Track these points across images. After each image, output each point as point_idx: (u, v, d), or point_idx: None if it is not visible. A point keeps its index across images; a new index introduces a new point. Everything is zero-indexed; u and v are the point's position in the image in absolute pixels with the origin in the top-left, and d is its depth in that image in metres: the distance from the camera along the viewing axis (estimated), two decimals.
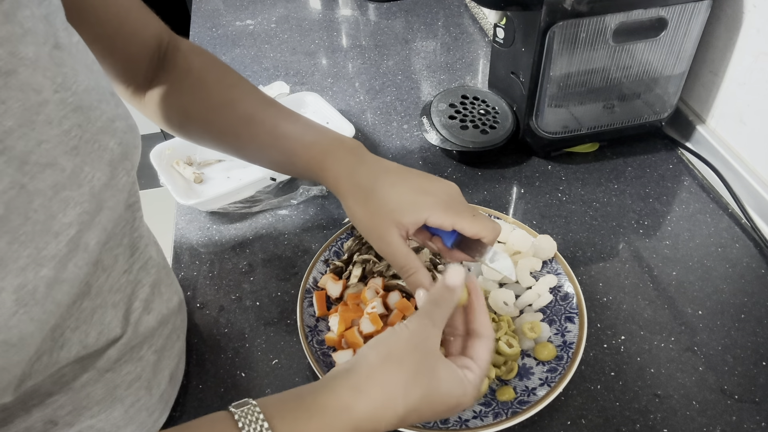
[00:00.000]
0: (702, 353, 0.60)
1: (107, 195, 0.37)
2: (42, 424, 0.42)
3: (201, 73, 0.56)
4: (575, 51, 0.72)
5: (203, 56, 0.58)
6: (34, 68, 0.32)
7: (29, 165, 0.31)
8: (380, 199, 0.50)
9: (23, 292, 0.31)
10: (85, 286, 0.39)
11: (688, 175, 0.81)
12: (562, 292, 0.63)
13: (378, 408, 0.39)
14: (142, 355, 0.48)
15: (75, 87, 0.35)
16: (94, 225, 0.36)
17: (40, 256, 0.32)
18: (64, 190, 0.33)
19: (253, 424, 0.36)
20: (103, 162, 0.36)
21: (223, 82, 0.57)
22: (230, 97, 0.56)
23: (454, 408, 0.43)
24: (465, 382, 0.43)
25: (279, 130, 0.55)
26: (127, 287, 0.45)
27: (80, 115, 0.35)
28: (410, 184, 0.51)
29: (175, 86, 0.56)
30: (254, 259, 0.71)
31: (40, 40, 0.33)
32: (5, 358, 0.31)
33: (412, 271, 0.50)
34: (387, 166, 0.53)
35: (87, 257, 0.36)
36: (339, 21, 1.19)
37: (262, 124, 0.56)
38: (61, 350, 0.39)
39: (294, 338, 0.62)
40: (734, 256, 0.70)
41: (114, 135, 0.38)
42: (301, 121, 0.56)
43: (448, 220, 0.49)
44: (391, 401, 0.40)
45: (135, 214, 0.46)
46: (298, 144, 0.55)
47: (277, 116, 0.56)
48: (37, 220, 0.32)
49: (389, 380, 0.40)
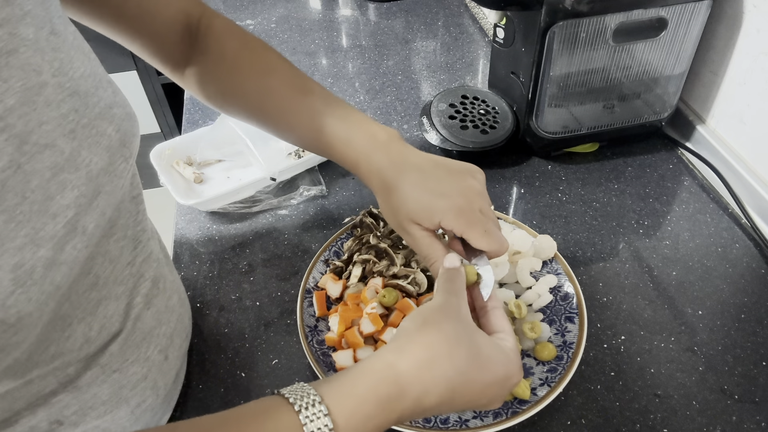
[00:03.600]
0: (702, 353, 0.60)
1: (105, 180, 0.37)
2: (47, 423, 0.42)
3: (235, 60, 0.56)
4: (575, 51, 0.72)
5: (238, 37, 0.56)
6: (34, 50, 0.32)
7: (29, 145, 0.32)
8: (400, 200, 0.51)
9: (20, 271, 0.31)
10: (93, 276, 0.40)
11: (688, 175, 0.81)
12: (562, 292, 0.63)
13: (423, 365, 0.39)
14: (149, 355, 0.48)
15: (72, 72, 0.35)
16: (92, 209, 0.36)
17: (37, 236, 0.32)
18: (62, 172, 0.33)
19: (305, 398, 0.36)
20: (100, 147, 0.37)
21: (258, 68, 0.56)
22: (265, 86, 0.55)
23: (504, 382, 0.42)
24: (506, 349, 0.43)
25: (315, 123, 0.54)
26: (129, 280, 0.45)
27: (77, 99, 0.35)
28: (429, 184, 0.51)
29: (211, 70, 0.56)
30: (254, 259, 0.71)
31: (39, 23, 0.33)
32: (4, 338, 0.31)
33: (434, 259, 0.50)
34: (412, 163, 0.52)
35: (86, 240, 0.36)
36: (339, 21, 1.19)
37: (298, 117, 0.55)
38: (67, 341, 0.39)
39: (294, 338, 0.62)
40: (734, 256, 0.70)
41: (112, 121, 0.38)
42: (337, 111, 0.55)
43: (459, 228, 0.49)
44: (437, 360, 0.39)
45: (138, 207, 0.46)
46: (333, 139, 0.54)
47: (312, 107, 0.55)
48: (34, 200, 0.32)
49: (431, 342, 0.40)
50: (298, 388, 0.37)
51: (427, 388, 0.38)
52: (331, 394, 0.37)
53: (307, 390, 0.37)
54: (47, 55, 0.33)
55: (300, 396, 0.36)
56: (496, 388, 0.41)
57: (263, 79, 0.56)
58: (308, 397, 0.36)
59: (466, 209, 0.50)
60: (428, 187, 0.51)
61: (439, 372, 0.39)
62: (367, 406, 0.37)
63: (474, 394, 0.40)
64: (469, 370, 0.40)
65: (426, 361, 0.39)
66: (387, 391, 0.37)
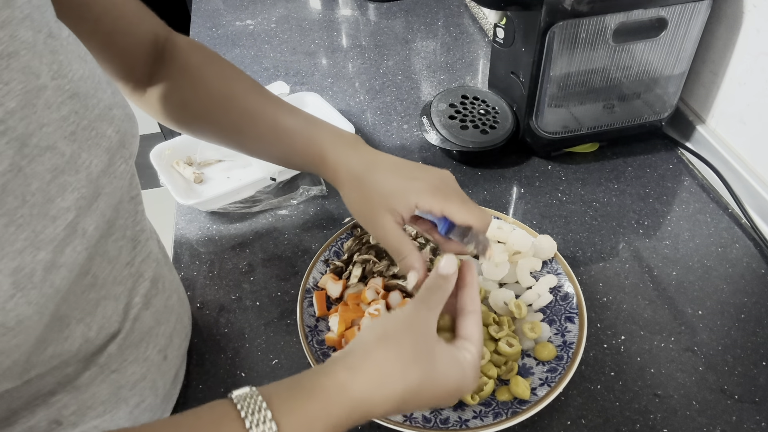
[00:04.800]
0: (702, 353, 0.60)
1: (105, 182, 0.37)
2: (46, 423, 0.42)
3: (200, 69, 0.57)
4: (575, 51, 0.72)
5: (202, 51, 0.58)
6: (33, 53, 0.32)
7: (29, 148, 0.32)
8: (372, 186, 0.51)
9: (20, 275, 0.31)
10: (91, 277, 0.40)
11: (688, 175, 0.81)
12: (562, 292, 0.63)
13: (375, 387, 0.39)
14: (147, 355, 0.48)
15: (71, 75, 0.35)
16: (92, 211, 0.36)
17: (37, 239, 0.32)
18: (62, 174, 0.34)
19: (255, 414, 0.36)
20: (100, 149, 0.37)
21: (222, 77, 0.57)
22: (230, 93, 0.56)
23: (455, 393, 0.43)
24: (464, 363, 0.43)
25: (279, 125, 0.56)
26: (128, 280, 0.45)
27: (77, 102, 0.35)
28: (402, 171, 0.52)
29: (175, 82, 0.56)
30: (254, 259, 0.71)
31: (37, 26, 0.33)
32: (3, 341, 0.31)
33: (404, 254, 0.51)
34: (382, 157, 0.54)
35: (85, 242, 0.36)
36: (339, 21, 1.19)
37: (263, 119, 0.56)
38: (66, 342, 0.39)
39: (294, 338, 0.62)
40: (734, 256, 0.70)
41: (111, 123, 0.38)
42: (301, 115, 0.57)
43: (437, 204, 0.50)
44: (389, 380, 0.39)
45: (137, 207, 0.46)
46: (298, 139, 0.55)
47: (277, 111, 0.56)
48: (34, 203, 0.32)
49: (386, 359, 0.40)
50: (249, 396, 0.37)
51: (375, 406, 0.39)
52: (282, 409, 0.36)
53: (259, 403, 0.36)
54: (46, 58, 0.33)
55: (251, 410, 0.36)
56: (444, 397, 0.43)
57: (227, 87, 0.57)
58: (259, 413, 0.36)
59: (442, 187, 0.51)
60: (402, 173, 0.52)
61: (389, 391, 0.40)
62: (317, 424, 0.37)
63: (420, 404, 0.42)
64: (421, 388, 0.40)
65: (379, 382, 0.39)
66: (337, 413, 0.38)
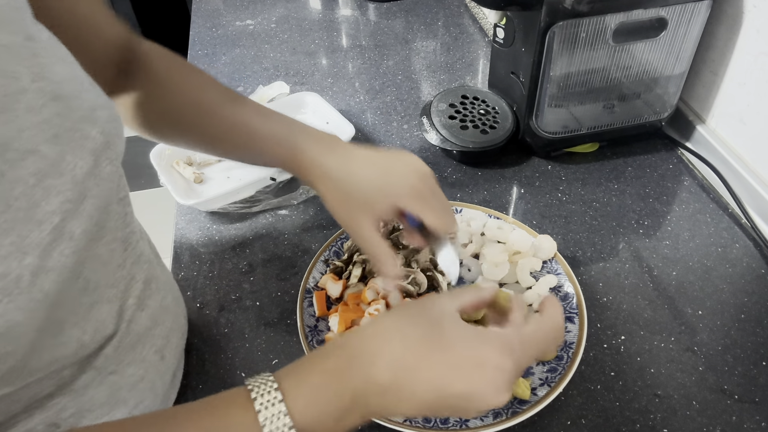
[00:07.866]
0: (702, 353, 0.60)
1: (91, 184, 0.37)
2: (44, 426, 0.42)
3: (165, 77, 0.56)
4: (575, 51, 0.72)
5: (166, 59, 0.57)
6: (11, 55, 0.32)
7: (11, 152, 0.31)
8: (350, 188, 0.51)
9: (7, 280, 0.30)
10: (83, 280, 0.39)
11: (688, 175, 0.81)
12: (562, 292, 0.63)
13: (368, 337, 0.39)
14: (144, 356, 0.48)
15: (52, 77, 0.35)
16: (79, 214, 0.36)
17: (23, 244, 0.31)
18: (46, 178, 0.33)
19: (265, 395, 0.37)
20: (85, 151, 0.36)
21: (188, 83, 0.57)
22: (197, 98, 0.56)
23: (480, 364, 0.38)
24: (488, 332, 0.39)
25: (250, 128, 0.55)
26: (121, 282, 0.45)
27: (60, 103, 0.35)
28: (379, 166, 0.52)
29: (143, 91, 0.55)
30: (254, 259, 0.71)
31: (14, 29, 0.33)
32: None
33: (382, 261, 0.51)
34: (357, 153, 0.53)
35: (73, 246, 0.35)
36: (339, 21, 1.19)
37: (233, 123, 0.56)
38: (61, 346, 0.39)
39: (294, 338, 0.62)
40: (734, 256, 0.70)
41: (95, 124, 0.38)
42: (272, 116, 0.57)
43: (417, 209, 0.50)
44: (384, 333, 0.39)
45: (126, 209, 0.46)
46: (270, 141, 0.55)
47: (246, 113, 0.56)
48: (19, 208, 0.31)
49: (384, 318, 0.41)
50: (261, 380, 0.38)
51: (373, 359, 0.38)
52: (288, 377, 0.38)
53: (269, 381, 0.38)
54: (25, 61, 0.33)
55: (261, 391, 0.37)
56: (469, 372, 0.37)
57: (194, 93, 0.56)
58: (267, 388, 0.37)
59: (422, 189, 0.51)
60: (379, 170, 0.51)
61: (383, 341, 0.39)
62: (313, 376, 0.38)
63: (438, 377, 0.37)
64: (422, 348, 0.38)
65: (371, 334, 0.40)
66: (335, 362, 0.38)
